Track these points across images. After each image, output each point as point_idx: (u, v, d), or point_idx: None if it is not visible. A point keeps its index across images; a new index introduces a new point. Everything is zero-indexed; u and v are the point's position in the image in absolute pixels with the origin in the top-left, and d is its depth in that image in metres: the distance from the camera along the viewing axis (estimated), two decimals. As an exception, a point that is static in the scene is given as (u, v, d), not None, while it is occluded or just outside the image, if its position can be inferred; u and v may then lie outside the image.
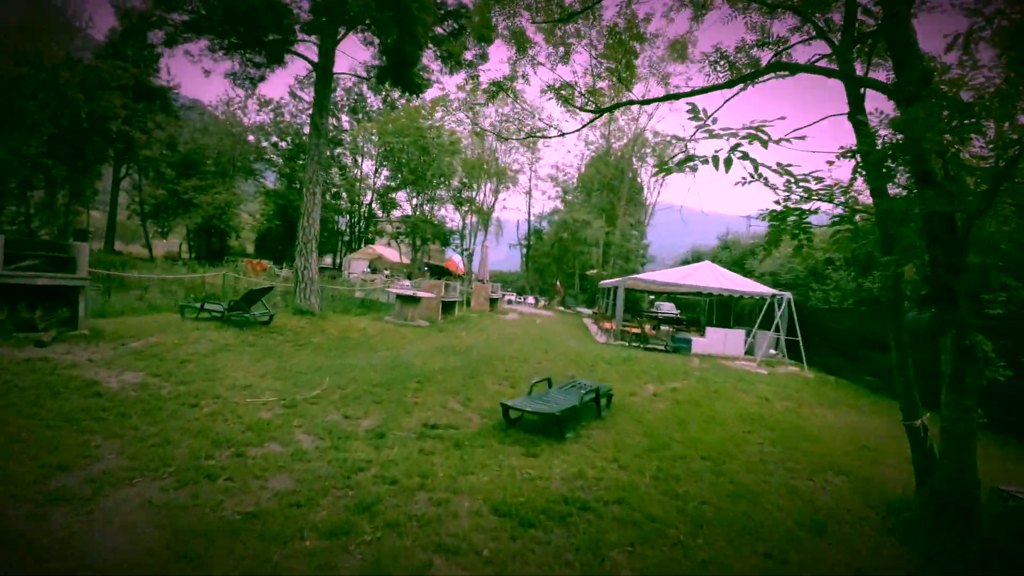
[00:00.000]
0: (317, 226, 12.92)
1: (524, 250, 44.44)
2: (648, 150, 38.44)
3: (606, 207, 33.09)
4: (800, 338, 15.32)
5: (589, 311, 31.26)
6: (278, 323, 11.08)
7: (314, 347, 9.80)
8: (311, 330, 11.10)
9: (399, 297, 14.42)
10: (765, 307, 16.26)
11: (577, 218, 29.39)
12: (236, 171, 41.48)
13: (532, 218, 43.71)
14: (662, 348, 16.19)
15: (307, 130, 48.01)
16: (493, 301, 21.42)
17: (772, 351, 16.43)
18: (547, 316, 25.11)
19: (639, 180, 39.85)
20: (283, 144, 45.98)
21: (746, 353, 17.03)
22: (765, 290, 17.51)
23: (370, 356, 9.51)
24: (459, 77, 16.28)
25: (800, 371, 14.12)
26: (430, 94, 27.08)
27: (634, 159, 38.19)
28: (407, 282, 29.00)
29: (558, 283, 32.29)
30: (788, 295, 16.02)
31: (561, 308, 30.94)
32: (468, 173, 33.05)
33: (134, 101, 43.94)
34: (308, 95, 46.32)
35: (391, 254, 38.31)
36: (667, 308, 33.00)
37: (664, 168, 3.88)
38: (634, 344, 16.33)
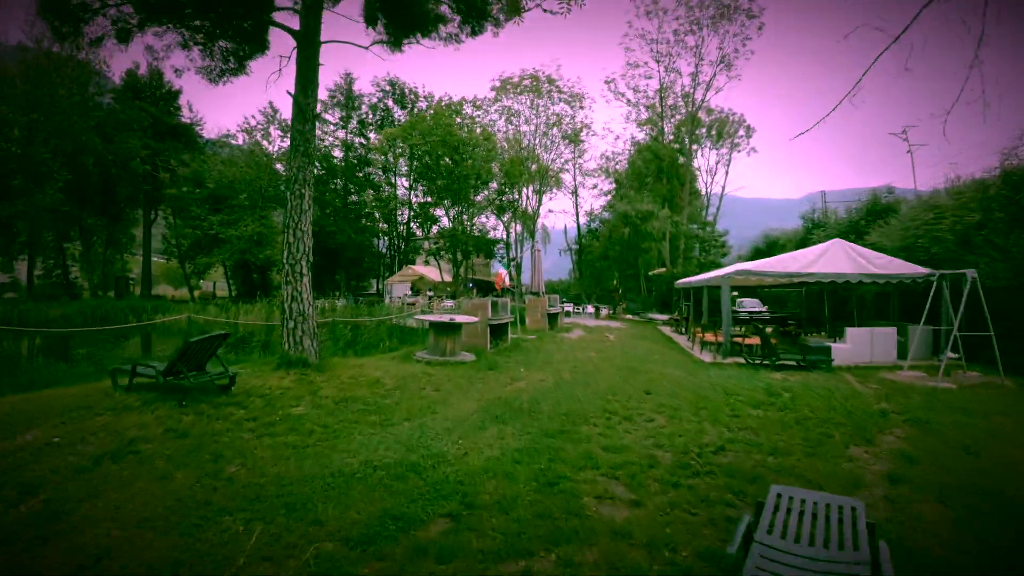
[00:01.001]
0: (309, 241, 9.31)
1: (575, 255, 40.27)
2: (703, 130, 33.60)
3: (667, 195, 28.51)
4: (991, 332, 10.65)
5: (662, 317, 26.68)
6: (249, 384, 7.46)
7: (289, 427, 6.06)
8: (297, 391, 7.40)
9: (433, 327, 10.63)
10: (900, 293, 11.61)
11: (640, 209, 25.10)
12: (266, 202, 39.42)
13: (581, 218, 39.57)
14: (792, 364, 11.74)
15: (337, 152, 46.23)
16: (552, 317, 17.39)
17: (951, 354, 11.55)
18: (617, 328, 20.83)
19: (693, 166, 35.06)
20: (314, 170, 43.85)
21: (899, 357, 12.68)
22: (918, 270, 13.02)
23: (374, 442, 5.66)
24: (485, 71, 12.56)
25: (998, 380, 9.61)
26: (455, 83, 23.80)
27: (686, 139, 33.46)
28: (450, 302, 25.43)
29: (617, 287, 27.93)
30: (971, 272, 11.24)
31: (629, 316, 26.52)
32: (507, 173, 29.38)
33: (157, 140, 43.11)
34: (332, 115, 44.22)
35: (432, 273, 35.01)
36: (750, 305, 28.14)
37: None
38: (756, 361, 11.91)
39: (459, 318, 11.14)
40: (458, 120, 27.27)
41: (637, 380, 9.23)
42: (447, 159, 25.39)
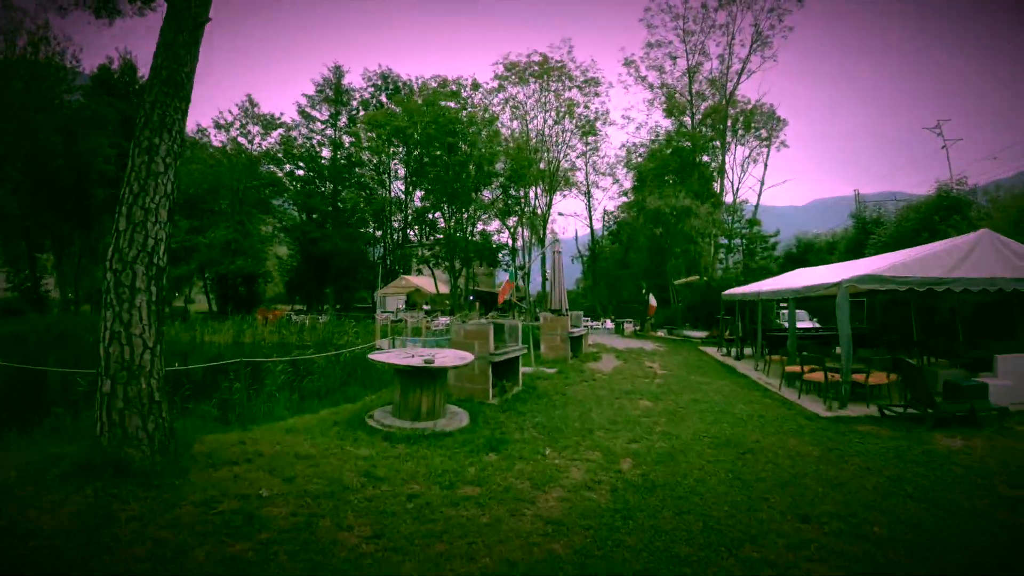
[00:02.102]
0: (163, 232, 5.04)
1: (587, 262, 36.14)
2: (728, 123, 29.46)
3: (699, 191, 24.36)
4: None
5: (698, 334, 22.45)
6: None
7: None
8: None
9: (399, 375, 6.53)
10: None
11: (677, 205, 21.00)
12: (245, 206, 35.60)
13: (595, 222, 35.46)
14: (918, 411, 7.69)
15: (325, 152, 42.52)
16: (576, 341, 13.25)
17: None
18: (654, 352, 16.66)
19: (726, 161, 30.88)
20: (299, 172, 40.14)
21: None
22: None
23: None
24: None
25: None
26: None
27: (720, 129, 29.34)
28: (445, 319, 21.37)
29: (647, 297, 23.71)
30: None
31: (661, 333, 22.31)
32: (514, 164, 25.36)
33: (127, 139, 39.19)
34: (321, 113, 40.53)
35: (429, 284, 30.97)
36: (802, 323, 23.96)
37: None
38: (897, 412, 7.84)
39: (443, 355, 7.03)
40: (453, 104, 23.57)
41: (757, 471, 5.08)
42: (441, 148, 21.67)
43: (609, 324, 28.36)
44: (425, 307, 30.01)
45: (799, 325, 23.78)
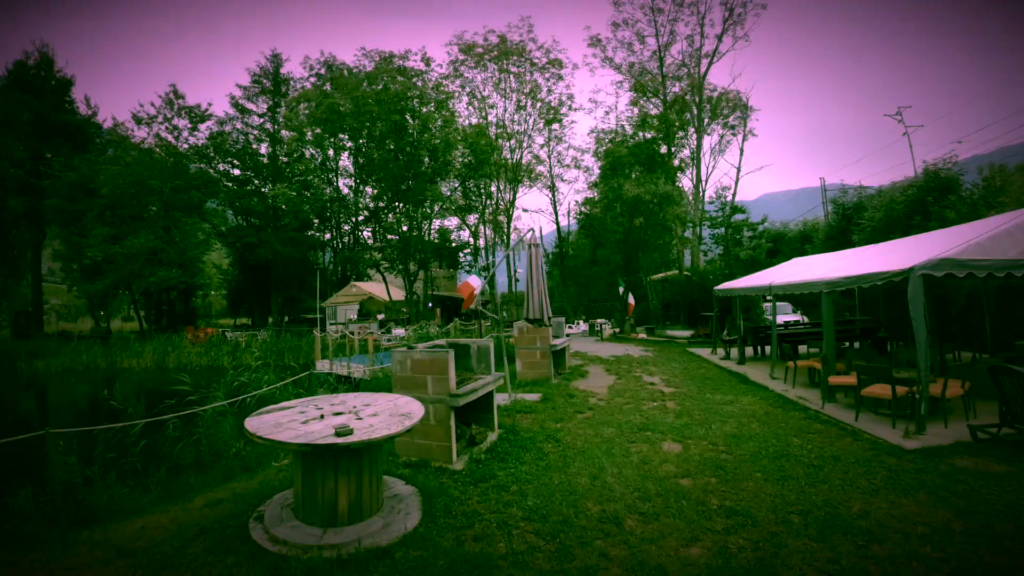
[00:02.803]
0: None
1: (555, 260, 33.90)
2: (694, 111, 27.62)
3: (669, 172, 22.25)
4: None
5: (683, 333, 20.44)
6: None
7: None
8: None
9: (301, 461, 3.82)
10: None
11: (658, 191, 18.86)
12: (171, 211, 31.64)
13: (562, 217, 33.20)
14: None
15: (263, 148, 38.84)
16: (558, 356, 10.80)
17: None
18: (645, 359, 14.43)
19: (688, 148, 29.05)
20: (235, 171, 36.38)
21: None
22: None
23: None
24: None
25: None
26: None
27: (693, 111, 27.50)
28: (400, 331, 18.61)
29: (626, 295, 21.54)
30: None
31: (642, 335, 20.17)
32: (473, 151, 22.73)
33: (40, 140, 34.82)
34: (257, 106, 36.96)
35: (382, 290, 28.01)
36: (782, 313, 22.32)
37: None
38: (984, 435, 5.71)
39: (374, 409, 4.42)
40: (401, 79, 20.85)
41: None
42: (386, 127, 18.95)
43: (582, 326, 26.16)
44: (379, 317, 27.08)
45: (780, 319, 22.10)
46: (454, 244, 26.79)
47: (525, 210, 39.22)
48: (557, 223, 33.34)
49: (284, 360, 20.19)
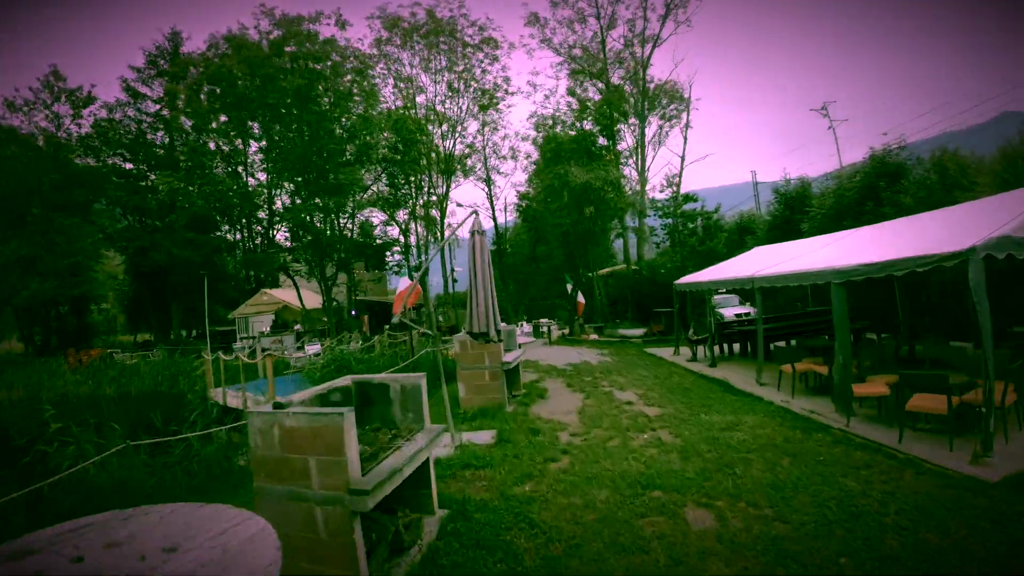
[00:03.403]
0: None
1: (495, 257, 31.77)
2: (631, 102, 26.32)
3: (609, 164, 20.65)
4: None
5: (635, 332, 18.88)
6: None
7: None
8: None
9: None
10: None
11: (608, 177, 17.04)
12: (50, 211, 26.67)
13: (499, 212, 31.09)
14: None
15: (160, 138, 34.11)
16: (512, 374, 8.59)
17: None
18: (605, 365, 12.55)
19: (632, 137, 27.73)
20: (128, 164, 31.55)
21: None
22: None
23: None
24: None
25: None
26: None
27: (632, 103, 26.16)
28: (315, 347, 15.75)
29: (575, 293, 19.71)
30: None
31: (593, 336, 18.39)
32: (398, 131, 19.98)
33: None
34: (153, 90, 32.32)
35: (303, 297, 24.73)
36: (731, 305, 21.41)
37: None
38: None
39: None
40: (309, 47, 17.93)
41: None
42: (289, 92, 16.02)
43: (526, 327, 24.17)
44: (296, 328, 23.80)
45: (730, 311, 21.07)
46: (379, 241, 23.70)
47: (459, 204, 36.70)
48: (494, 218, 31.18)
49: (179, 386, 16.80)
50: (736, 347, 13.87)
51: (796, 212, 24.02)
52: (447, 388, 6.98)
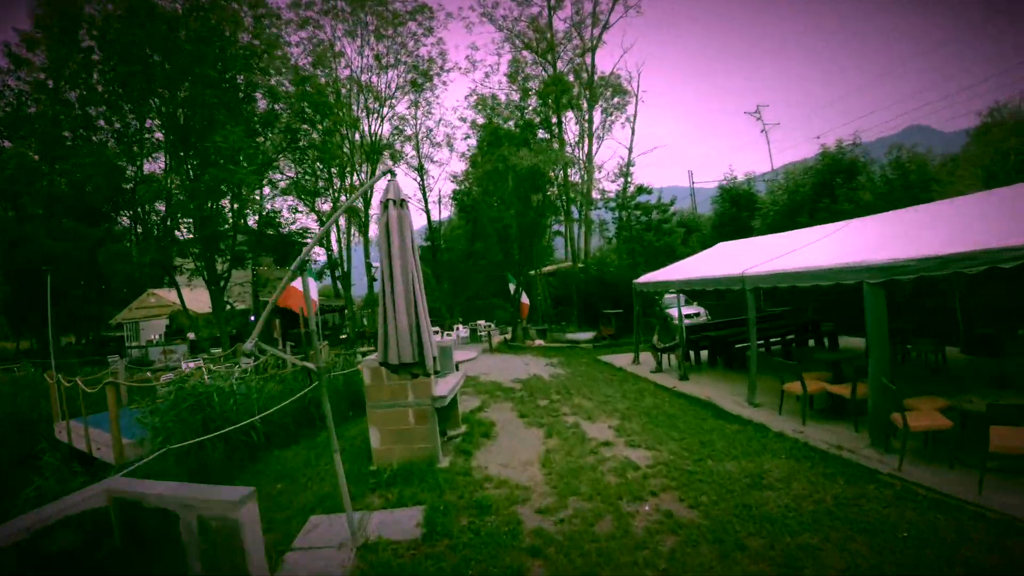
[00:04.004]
0: None
1: (428, 254, 29.13)
2: (575, 92, 24.64)
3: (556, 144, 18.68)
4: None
5: (583, 336, 17.04)
6: None
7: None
8: None
9: None
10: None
11: (556, 160, 14.97)
12: None
13: (432, 204, 28.43)
14: None
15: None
16: (447, 411, 6.23)
17: None
18: (559, 380, 10.46)
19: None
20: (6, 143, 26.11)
21: None
22: None
23: None
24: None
25: None
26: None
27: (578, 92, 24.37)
28: (190, 364, 12.60)
29: (518, 293, 17.57)
30: None
31: (539, 342, 16.35)
32: (311, 103, 16.81)
33: None
34: (39, 57, 26.99)
35: (201, 298, 21.12)
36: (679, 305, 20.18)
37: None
38: None
39: None
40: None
41: None
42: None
43: (462, 331, 21.82)
44: (190, 336, 20.15)
45: (676, 312, 19.78)
46: (288, 231, 19.94)
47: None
48: (427, 211, 28.51)
49: (32, 413, 13.10)
50: (703, 354, 12.25)
51: (744, 209, 23.20)
52: (353, 431, 4.60)
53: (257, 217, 17.83)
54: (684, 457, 5.59)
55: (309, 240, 20.92)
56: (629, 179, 16.35)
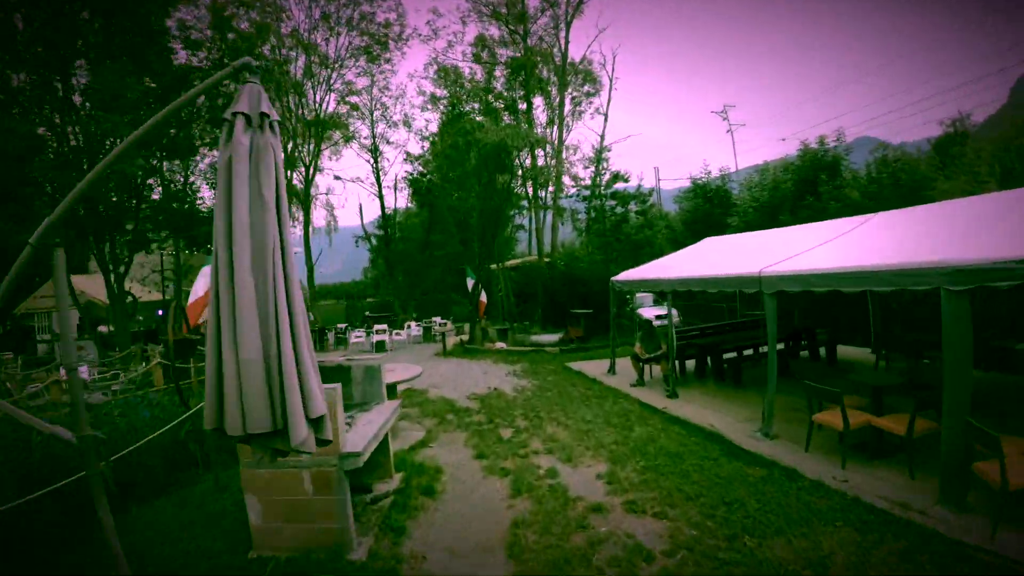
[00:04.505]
0: None
1: (379, 244, 26.88)
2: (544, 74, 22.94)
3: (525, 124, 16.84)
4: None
5: (548, 338, 15.40)
6: None
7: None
8: None
9: None
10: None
11: (528, 137, 13.09)
12: None
13: (387, 190, 26.13)
14: None
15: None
16: (373, 459, 4.37)
17: None
18: (525, 396, 8.70)
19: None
20: None
21: None
22: None
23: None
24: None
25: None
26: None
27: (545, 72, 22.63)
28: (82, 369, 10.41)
29: (477, 290, 15.71)
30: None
31: (500, 345, 14.57)
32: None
33: None
34: None
35: (92, 288, 18.32)
36: (651, 308, 19.00)
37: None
38: None
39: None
40: None
41: None
42: None
43: (415, 329, 19.80)
44: (102, 329, 17.35)
45: (648, 312, 18.40)
46: (195, 201, 16.25)
47: (337, 177, 30.68)
48: (380, 197, 26.21)
49: None
50: (687, 364, 10.76)
51: (717, 206, 22.07)
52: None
53: (162, 189, 15.03)
54: (710, 531, 3.93)
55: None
56: (605, 164, 14.77)
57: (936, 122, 28.84)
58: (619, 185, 14.51)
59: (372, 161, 25.60)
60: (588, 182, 15.68)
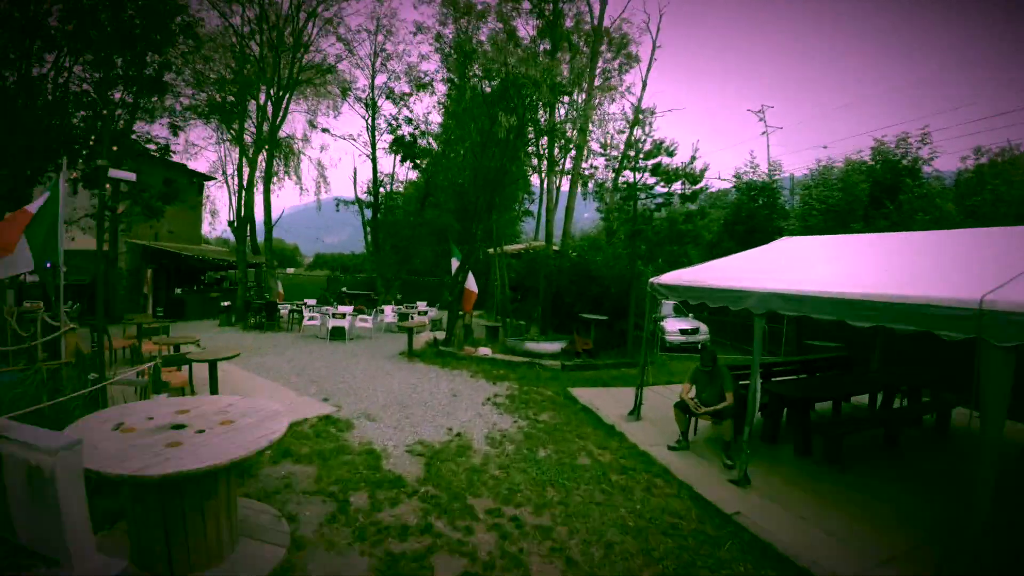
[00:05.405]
0: None
1: (371, 214, 23.50)
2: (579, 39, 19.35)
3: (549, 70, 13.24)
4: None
5: (551, 347, 11.98)
6: None
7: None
8: None
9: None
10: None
11: (553, 72, 9.60)
12: None
13: (382, 151, 22.62)
14: None
15: None
16: None
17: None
18: (511, 445, 5.38)
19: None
20: None
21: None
22: None
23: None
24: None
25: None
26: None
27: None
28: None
29: (460, 277, 12.35)
30: None
31: (484, 350, 11.21)
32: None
33: None
34: None
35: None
36: (672, 323, 15.85)
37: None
38: None
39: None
40: None
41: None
42: None
43: (389, 314, 16.51)
44: (71, 308, 14.01)
45: (672, 325, 15.30)
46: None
47: (326, 130, 26.92)
48: (374, 159, 22.68)
49: None
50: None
51: (764, 207, 18.64)
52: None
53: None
54: None
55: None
56: (650, 128, 11.04)
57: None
58: (662, 160, 11.03)
59: (369, 117, 22.17)
60: (618, 154, 12.19)
